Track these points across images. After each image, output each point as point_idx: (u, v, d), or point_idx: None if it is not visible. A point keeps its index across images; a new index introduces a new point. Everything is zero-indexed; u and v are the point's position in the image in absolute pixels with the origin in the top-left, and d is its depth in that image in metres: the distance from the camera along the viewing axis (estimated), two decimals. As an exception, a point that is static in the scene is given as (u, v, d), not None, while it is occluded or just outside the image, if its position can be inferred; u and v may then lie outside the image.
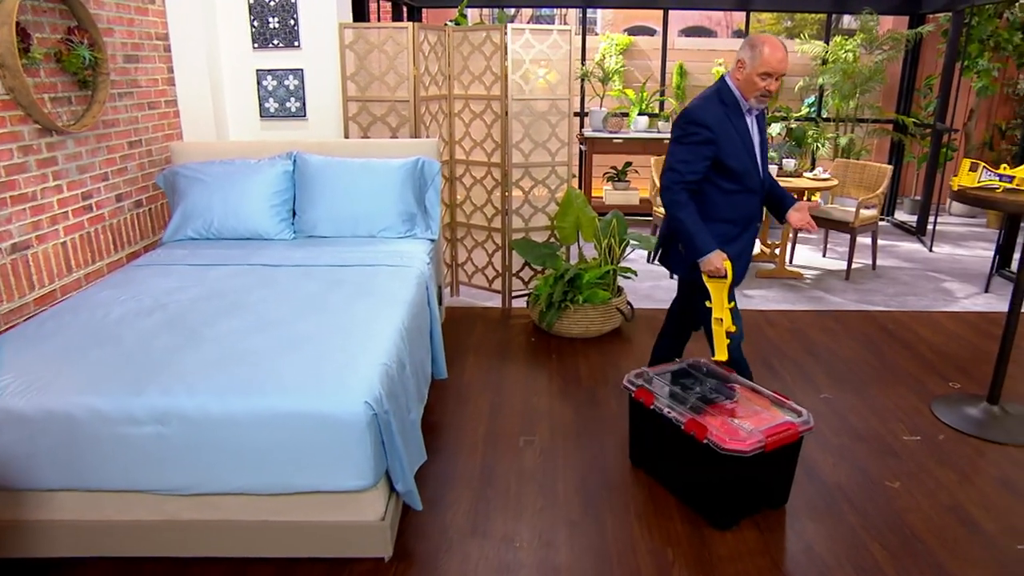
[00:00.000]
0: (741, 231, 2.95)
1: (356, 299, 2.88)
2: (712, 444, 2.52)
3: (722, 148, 2.78)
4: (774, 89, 2.76)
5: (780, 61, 2.70)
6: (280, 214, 3.79)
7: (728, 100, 2.82)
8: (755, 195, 2.94)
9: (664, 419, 2.74)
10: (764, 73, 2.71)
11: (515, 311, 4.81)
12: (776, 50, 2.70)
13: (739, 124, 2.82)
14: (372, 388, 2.17)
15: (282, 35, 4.27)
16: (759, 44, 2.72)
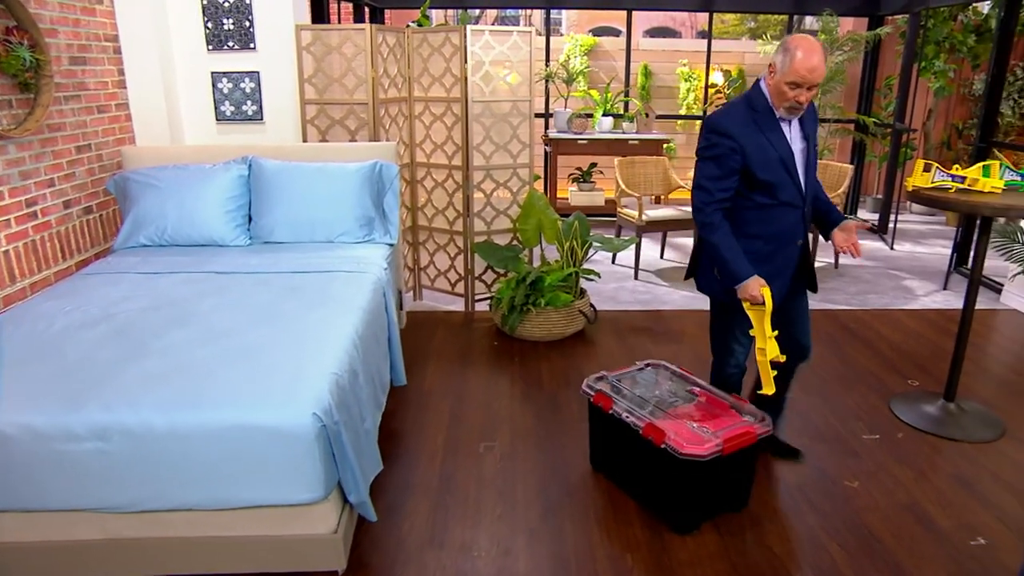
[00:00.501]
0: (775, 249, 2.68)
1: (310, 307, 2.82)
2: (670, 449, 2.51)
3: (750, 158, 2.53)
4: (804, 100, 2.46)
5: (811, 70, 2.39)
6: (236, 220, 3.72)
7: (759, 106, 2.55)
8: (794, 209, 2.64)
9: (622, 424, 2.72)
10: (792, 83, 2.43)
11: (478, 315, 4.78)
12: (809, 56, 2.38)
13: (772, 131, 2.55)
14: (321, 399, 2.12)
15: (237, 37, 4.19)
16: (791, 48, 2.41)
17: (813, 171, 2.69)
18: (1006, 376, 3.99)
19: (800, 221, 2.68)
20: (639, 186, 6.02)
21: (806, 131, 2.64)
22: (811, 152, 2.66)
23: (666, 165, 6.16)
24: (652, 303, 5.06)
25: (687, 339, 4.41)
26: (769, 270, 2.65)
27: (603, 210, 7.29)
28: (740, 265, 2.58)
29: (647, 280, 5.60)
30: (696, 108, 8.41)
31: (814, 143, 2.67)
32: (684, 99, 8.51)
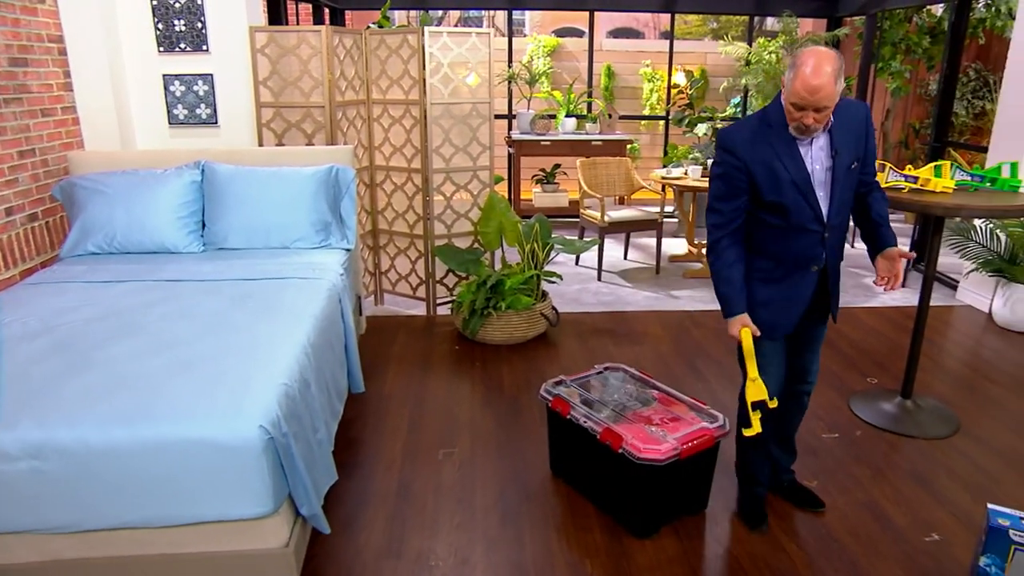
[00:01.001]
0: (786, 273, 2.46)
1: (261, 315, 2.76)
2: (627, 454, 2.49)
3: (756, 177, 2.33)
4: (811, 123, 2.20)
5: (813, 91, 2.12)
6: (188, 226, 3.64)
7: (774, 121, 2.31)
8: (811, 234, 2.39)
9: (580, 429, 2.70)
10: (793, 104, 2.20)
11: (440, 319, 4.73)
12: (813, 74, 2.11)
13: (784, 150, 2.30)
14: (269, 410, 2.07)
15: (189, 38, 4.10)
16: (797, 64, 2.16)
17: (845, 190, 2.39)
18: (961, 372, 4.05)
19: (818, 245, 2.41)
20: (601, 187, 6.02)
21: (836, 146, 2.33)
22: (842, 170, 2.35)
23: (628, 166, 6.17)
24: (615, 304, 5.06)
25: (649, 340, 4.41)
26: (779, 294, 2.47)
27: (567, 211, 7.29)
28: (731, 299, 2.42)
29: (610, 281, 5.60)
30: (659, 109, 8.45)
31: (851, 159, 2.36)
32: (647, 100, 8.54)
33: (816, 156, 2.34)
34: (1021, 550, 2.20)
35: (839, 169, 2.34)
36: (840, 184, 2.36)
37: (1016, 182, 3.34)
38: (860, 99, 7.30)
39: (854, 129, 2.37)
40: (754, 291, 2.47)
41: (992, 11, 7.36)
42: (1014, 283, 4.58)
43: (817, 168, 2.34)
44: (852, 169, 2.37)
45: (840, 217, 2.43)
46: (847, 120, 2.35)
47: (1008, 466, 3.11)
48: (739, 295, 2.42)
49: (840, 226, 2.46)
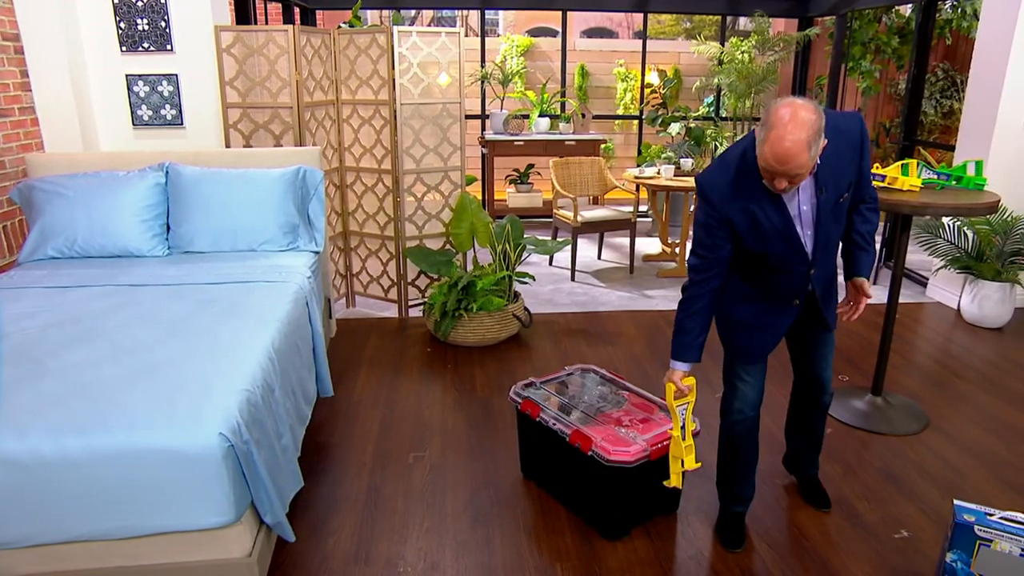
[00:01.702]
0: (767, 308, 2.38)
1: (225, 320, 2.71)
2: (597, 456, 2.47)
3: (738, 228, 2.17)
4: (783, 187, 2.00)
5: (780, 161, 1.92)
6: (152, 229, 3.57)
7: (750, 165, 2.10)
8: (796, 274, 2.28)
9: (550, 431, 2.68)
10: (763, 169, 2.01)
11: (412, 320, 4.69)
12: (778, 144, 1.90)
13: (767, 196, 2.12)
14: (229, 417, 2.02)
15: (153, 38, 4.02)
16: (767, 125, 1.95)
17: (832, 224, 2.22)
18: (931, 368, 4.08)
19: (803, 282, 2.31)
20: (575, 187, 6.01)
21: (821, 183, 2.13)
22: (827, 207, 2.17)
23: (601, 165, 6.17)
24: (589, 304, 5.05)
25: (623, 340, 4.40)
26: (756, 319, 2.39)
27: (541, 211, 7.27)
28: (680, 347, 2.33)
29: (584, 281, 5.59)
30: (633, 108, 8.46)
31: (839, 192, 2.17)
32: (621, 99, 8.55)
33: (802, 197, 2.15)
34: (986, 545, 2.21)
35: (824, 207, 2.16)
36: (826, 221, 2.19)
37: (981, 180, 3.36)
38: (830, 99, 7.37)
39: (845, 153, 2.14)
40: (732, 312, 2.39)
41: (958, 12, 7.46)
42: (981, 280, 4.62)
43: (804, 209, 2.17)
44: (841, 202, 2.19)
45: (827, 250, 2.29)
46: (835, 144, 2.11)
47: (975, 461, 3.14)
48: (689, 347, 2.32)
49: (828, 258, 2.32)
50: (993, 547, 2.20)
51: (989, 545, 2.21)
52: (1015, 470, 3.07)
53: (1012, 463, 3.12)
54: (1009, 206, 4.68)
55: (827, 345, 2.60)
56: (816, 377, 2.65)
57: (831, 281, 2.41)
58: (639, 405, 2.80)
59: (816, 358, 2.62)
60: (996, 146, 4.71)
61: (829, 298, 2.44)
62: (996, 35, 4.66)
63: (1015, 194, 4.75)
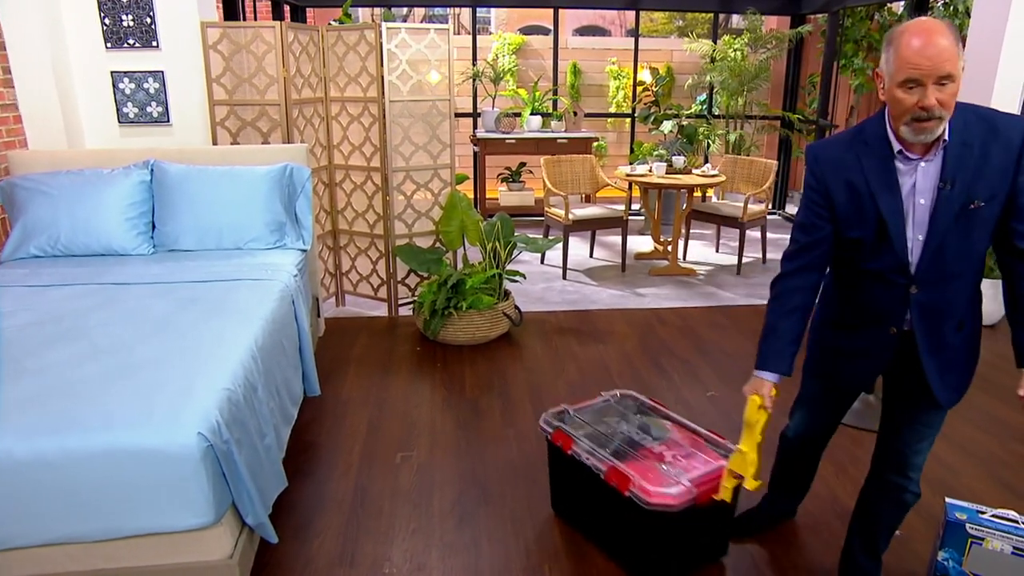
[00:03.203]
0: (860, 326, 1.99)
1: (208, 318, 2.67)
2: (635, 497, 2.21)
3: (837, 206, 1.86)
4: (934, 104, 1.63)
5: (927, 49, 1.59)
6: (137, 227, 3.53)
7: (872, 136, 1.80)
8: (892, 286, 1.87)
9: (583, 467, 2.41)
10: (906, 81, 1.64)
11: (402, 319, 4.66)
12: (922, 36, 1.60)
13: (880, 171, 1.79)
14: (208, 417, 1.99)
15: (138, 34, 3.98)
16: (895, 37, 1.66)
17: (955, 237, 1.78)
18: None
19: (898, 302, 1.88)
20: (566, 185, 5.97)
21: (950, 173, 1.74)
22: (950, 207, 1.75)
23: (593, 163, 6.13)
24: (580, 303, 5.02)
25: (614, 339, 4.37)
26: (855, 346, 2.02)
27: (534, 210, 7.24)
28: (770, 355, 1.97)
29: (576, 280, 5.56)
30: (626, 106, 8.44)
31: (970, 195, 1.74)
32: (614, 97, 8.52)
33: (921, 185, 1.78)
34: (978, 543, 2.18)
35: (945, 206, 1.75)
36: (944, 226, 1.76)
37: (973, 176, 3.35)
38: (823, 97, 7.36)
39: (995, 155, 1.73)
40: (829, 337, 2.10)
41: (950, 10, 7.44)
42: (974, 277, 4.60)
43: (921, 203, 1.79)
44: (973, 210, 1.75)
45: (942, 270, 1.81)
46: (984, 140, 1.74)
47: (968, 459, 3.11)
48: (782, 353, 1.95)
49: (944, 283, 1.84)
50: (985, 545, 2.18)
51: (981, 543, 2.18)
52: (1008, 468, 3.05)
53: (1005, 461, 3.10)
54: (1001, 203, 4.66)
55: (933, 423, 2.04)
56: (903, 457, 2.09)
57: (951, 334, 1.90)
58: (685, 438, 2.52)
59: (910, 433, 2.06)
60: (988, 143, 4.69)
61: (940, 353, 1.91)
62: (987, 33, 4.65)
63: (1007, 191, 4.73)
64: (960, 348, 1.93)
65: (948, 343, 1.90)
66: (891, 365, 2.00)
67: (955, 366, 1.94)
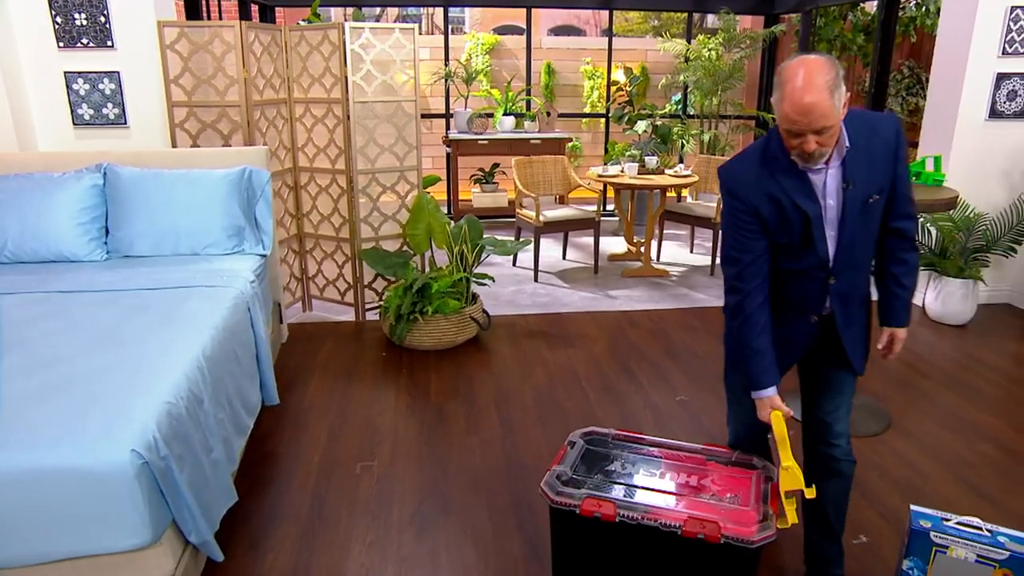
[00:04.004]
0: (783, 319, 2.11)
1: (155, 327, 2.58)
2: (734, 541, 1.98)
3: (767, 220, 1.98)
4: (812, 149, 1.81)
5: (803, 112, 1.75)
6: (90, 233, 3.43)
7: (779, 151, 1.93)
8: (813, 280, 2.04)
9: (645, 530, 2.08)
10: (787, 131, 1.83)
11: (369, 324, 4.57)
12: (798, 94, 1.75)
13: (796, 181, 1.93)
14: (144, 433, 1.90)
15: (92, 33, 3.87)
16: (781, 84, 1.80)
17: (859, 230, 1.98)
18: (894, 367, 4.03)
19: (820, 293, 2.05)
20: (538, 186, 5.91)
21: (850, 175, 1.92)
22: (855, 205, 1.94)
23: (565, 164, 6.08)
24: (551, 306, 4.96)
25: (584, 342, 4.31)
26: (779, 337, 2.10)
27: (507, 211, 7.18)
28: (761, 375, 2.06)
29: (547, 282, 5.49)
30: (600, 106, 8.39)
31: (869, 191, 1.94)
32: (588, 97, 8.48)
33: (830, 188, 1.94)
34: (942, 552, 2.14)
35: (851, 204, 1.93)
36: (852, 222, 1.95)
37: (940, 176, 3.32)
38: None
39: (879, 152, 1.94)
40: None
41: (922, 10, 7.47)
42: (945, 276, 4.59)
43: (830, 204, 1.95)
44: (871, 203, 1.95)
45: (852, 260, 2.02)
46: (869, 141, 1.94)
47: (937, 462, 3.08)
48: (771, 369, 2.05)
49: (853, 270, 2.04)
50: (949, 553, 2.14)
51: (945, 552, 2.14)
52: (975, 470, 3.02)
53: (972, 463, 3.07)
54: (971, 202, 4.66)
55: (842, 387, 2.21)
56: (826, 427, 2.24)
57: (857, 310, 2.12)
58: (679, 460, 2.36)
59: (827, 402, 2.23)
60: (958, 142, 4.69)
61: (852, 327, 2.12)
62: (956, 32, 4.64)
63: (977, 190, 4.74)
64: (863, 322, 2.16)
65: (856, 320, 2.13)
66: (808, 350, 2.18)
67: (861, 338, 2.17)
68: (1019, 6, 4.42)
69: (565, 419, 3.40)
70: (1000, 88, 4.58)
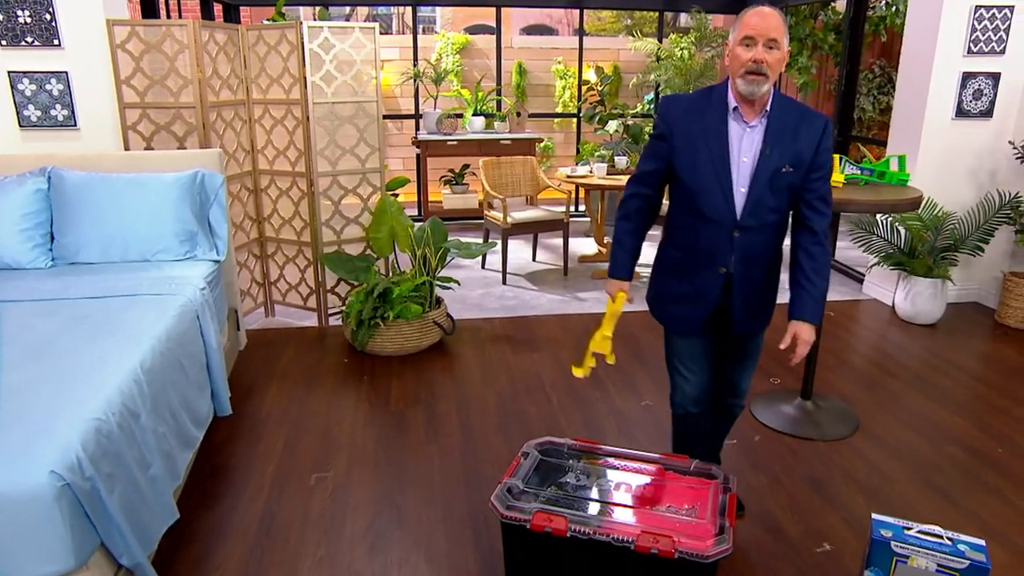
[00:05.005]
0: (695, 268, 2.30)
1: (94, 339, 2.47)
2: (689, 556, 1.93)
3: (676, 151, 2.19)
4: (763, 59, 2.03)
5: (762, 16, 2.03)
6: (33, 239, 3.31)
7: (716, 97, 2.17)
8: (720, 228, 2.20)
9: (598, 544, 2.01)
10: (744, 38, 2.06)
11: (332, 330, 4.47)
12: (756, 13, 2.05)
13: (716, 127, 2.15)
14: (66, 452, 1.80)
15: (37, 31, 3.74)
16: (741, 15, 2.11)
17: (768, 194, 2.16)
18: (863, 368, 4.00)
19: (726, 243, 2.21)
20: (507, 187, 5.83)
21: (770, 141, 2.14)
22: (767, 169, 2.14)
23: (534, 165, 6.00)
24: (518, 309, 4.88)
25: (550, 346, 4.24)
26: (687, 288, 2.33)
27: (477, 213, 7.08)
28: (618, 263, 2.42)
29: (516, 284, 5.42)
30: (572, 106, 8.33)
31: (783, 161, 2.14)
32: (560, 97, 8.41)
33: (746, 146, 2.17)
34: (903, 562, 2.09)
35: (763, 167, 2.14)
36: (762, 184, 2.15)
37: (904, 175, 3.28)
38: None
39: (803, 137, 2.16)
40: (665, 285, 2.42)
41: (892, 9, 7.47)
42: (914, 276, 4.57)
43: (745, 161, 2.16)
44: (783, 173, 2.15)
45: (758, 220, 2.19)
46: (796, 123, 2.16)
47: (903, 465, 3.04)
48: (626, 262, 2.40)
49: (757, 231, 2.21)
50: (910, 563, 2.09)
51: (906, 562, 2.09)
52: (941, 473, 2.98)
53: (938, 466, 3.04)
54: (939, 201, 4.64)
55: (748, 355, 2.50)
56: (730, 382, 2.55)
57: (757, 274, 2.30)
58: (636, 470, 2.32)
59: (737, 364, 2.51)
60: (925, 141, 4.67)
61: (746, 288, 2.29)
62: (922, 31, 4.62)
63: (945, 189, 4.72)
64: (760, 292, 2.34)
65: (753, 284, 2.30)
66: (717, 309, 2.33)
67: (758, 304, 2.36)
68: (983, 5, 4.41)
69: (527, 426, 3.32)
70: (966, 87, 4.56)
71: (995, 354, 4.20)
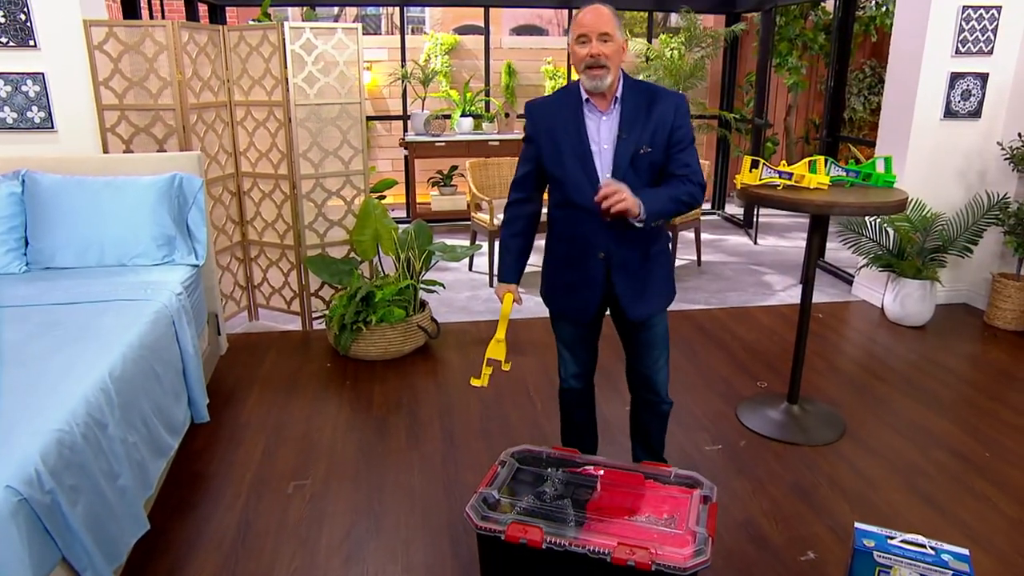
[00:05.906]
0: (577, 257, 2.38)
1: (62, 346, 2.42)
2: (666, 569, 1.90)
3: (542, 149, 2.32)
4: (597, 52, 2.15)
5: (592, 13, 2.16)
6: (7, 244, 3.25)
7: (571, 94, 2.31)
8: (591, 215, 2.23)
9: (573, 556, 1.97)
10: (579, 36, 2.19)
11: (316, 334, 4.42)
12: (587, 11, 2.18)
13: (574, 120, 2.27)
14: (24, 466, 1.75)
15: (12, 32, 3.68)
16: (575, 15, 2.25)
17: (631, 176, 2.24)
18: (851, 371, 3.97)
19: (600, 230, 2.30)
20: (494, 188, 5.79)
21: (624, 126, 2.25)
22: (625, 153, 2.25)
23: (523, 166, 5.95)
24: (506, 312, 4.83)
25: (535, 349, 4.20)
26: (572, 277, 2.43)
27: (466, 214, 7.03)
28: (502, 268, 2.53)
29: (504, 287, 5.37)
30: (563, 107, 8.27)
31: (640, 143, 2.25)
32: (551, 98, 8.36)
33: (604, 135, 2.29)
34: (885, 572, 2.05)
35: (622, 152, 2.26)
36: (624, 167, 2.26)
37: (891, 177, 3.24)
38: (759, 95, 7.29)
39: (656, 116, 2.27)
40: (555, 277, 2.50)
41: (882, 10, 7.45)
42: (903, 277, 4.54)
43: (605, 148, 2.28)
44: (643, 154, 2.26)
45: None
46: (648, 104, 2.28)
47: (889, 470, 3.01)
48: (512, 266, 2.51)
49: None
50: (892, 574, 2.05)
51: (888, 572, 2.05)
52: (928, 478, 2.95)
53: (925, 471, 3.00)
54: (928, 202, 4.61)
55: (656, 344, 2.54)
56: (643, 376, 2.59)
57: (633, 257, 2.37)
58: (617, 480, 2.27)
59: (645, 357, 2.55)
60: (914, 142, 4.64)
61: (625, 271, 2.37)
62: (910, 31, 4.59)
63: (933, 190, 4.69)
64: (642, 274, 2.40)
65: (631, 266, 2.37)
66: (605, 294, 2.40)
67: (643, 285, 2.40)
68: (971, 5, 4.38)
69: (510, 432, 3.28)
70: (954, 87, 4.53)
71: (984, 356, 4.17)
